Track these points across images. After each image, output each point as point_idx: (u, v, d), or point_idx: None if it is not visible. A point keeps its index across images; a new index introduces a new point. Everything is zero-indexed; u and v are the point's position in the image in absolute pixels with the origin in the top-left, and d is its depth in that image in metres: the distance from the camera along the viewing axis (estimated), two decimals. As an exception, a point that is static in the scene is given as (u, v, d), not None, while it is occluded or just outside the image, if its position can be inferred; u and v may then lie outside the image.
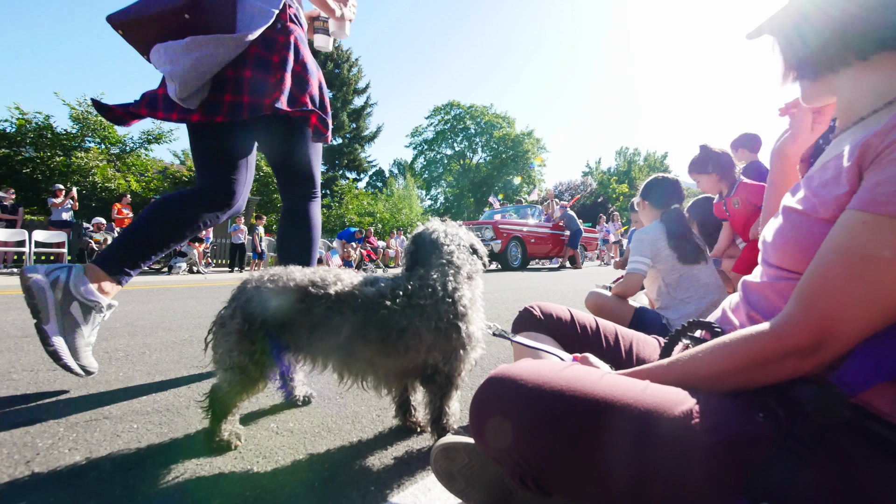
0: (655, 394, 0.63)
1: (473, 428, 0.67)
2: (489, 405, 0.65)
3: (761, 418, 0.59)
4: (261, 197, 17.99)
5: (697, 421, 0.59)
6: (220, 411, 1.09)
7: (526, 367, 0.66)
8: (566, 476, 0.62)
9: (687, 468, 0.57)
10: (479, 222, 10.09)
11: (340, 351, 1.06)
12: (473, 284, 1.17)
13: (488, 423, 0.64)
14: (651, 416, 0.59)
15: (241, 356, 1.05)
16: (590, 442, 0.58)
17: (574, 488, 0.62)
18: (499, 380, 0.66)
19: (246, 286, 1.10)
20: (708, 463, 0.57)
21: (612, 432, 0.58)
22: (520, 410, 0.62)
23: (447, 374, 1.10)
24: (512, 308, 3.60)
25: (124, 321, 2.80)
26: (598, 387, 0.62)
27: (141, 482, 0.94)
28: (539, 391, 0.62)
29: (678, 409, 0.60)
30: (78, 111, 11.75)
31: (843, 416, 0.56)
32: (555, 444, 0.60)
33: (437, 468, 0.83)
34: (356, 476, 0.99)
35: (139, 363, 1.87)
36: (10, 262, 8.59)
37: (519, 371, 0.65)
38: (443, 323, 1.06)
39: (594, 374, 0.65)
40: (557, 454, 0.60)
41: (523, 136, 39.79)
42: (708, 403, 0.61)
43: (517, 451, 0.62)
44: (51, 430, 1.19)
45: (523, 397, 0.62)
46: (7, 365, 1.79)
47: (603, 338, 1.08)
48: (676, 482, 0.57)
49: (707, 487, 0.57)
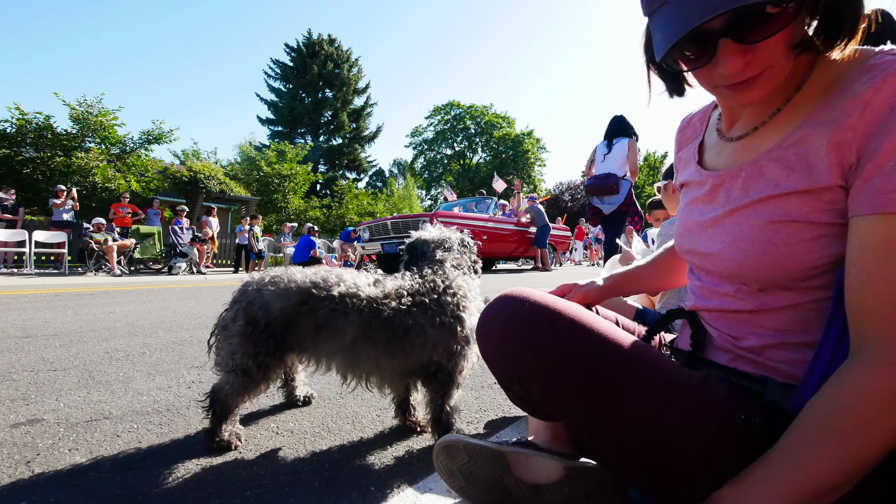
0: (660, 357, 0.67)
1: (478, 332, 0.75)
2: (497, 311, 0.72)
3: (742, 420, 0.60)
4: (261, 197, 18.00)
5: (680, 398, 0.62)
6: (222, 412, 1.09)
7: (534, 291, 0.73)
8: (545, 386, 0.67)
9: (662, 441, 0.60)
10: (414, 215, 8.43)
11: (346, 352, 1.06)
12: (471, 280, 1.19)
13: (493, 325, 0.71)
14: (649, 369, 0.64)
15: (245, 358, 1.05)
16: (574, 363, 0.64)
17: (553, 401, 0.68)
18: (509, 295, 0.73)
19: (247, 288, 1.10)
20: (679, 441, 0.60)
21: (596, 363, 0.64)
22: (521, 314, 0.68)
23: (449, 371, 1.11)
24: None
25: (124, 321, 2.80)
26: (593, 322, 0.67)
27: (141, 482, 0.94)
28: (541, 305, 0.68)
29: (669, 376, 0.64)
30: (78, 111, 11.73)
31: None
32: (541, 355, 0.65)
33: (439, 464, 0.84)
34: (356, 476, 0.99)
35: (139, 363, 1.87)
36: (10, 262, 8.59)
37: (527, 290, 0.73)
38: (446, 318, 1.07)
39: (593, 316, 0.71)
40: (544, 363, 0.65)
41: (523, 136, 39.83)
42: (695, 386, 0.63)
43: (510, 349, 0.68)
44: (51, 431, 1.19)
45: (528, 307, 0.69)
46: (7, 365, 1.79)
47: None
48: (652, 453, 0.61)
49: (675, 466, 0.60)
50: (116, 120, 12.34)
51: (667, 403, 0.61)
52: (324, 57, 30.05)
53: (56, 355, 1.96)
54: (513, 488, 0.79)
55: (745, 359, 0.67)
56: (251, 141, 28.34)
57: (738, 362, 0.68)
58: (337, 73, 30.44)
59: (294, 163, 18.54)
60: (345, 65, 30.96)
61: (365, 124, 31.98)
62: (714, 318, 0.73)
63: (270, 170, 17.98)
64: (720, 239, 0.66)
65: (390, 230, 8.63)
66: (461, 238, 1.29)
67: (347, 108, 30.99)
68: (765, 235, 0.60)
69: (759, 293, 0.64)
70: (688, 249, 0.76)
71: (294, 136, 29.75)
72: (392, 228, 8.62)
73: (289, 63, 30.42)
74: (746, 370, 0.67)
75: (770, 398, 0.62)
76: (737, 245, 0.63)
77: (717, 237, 0.67)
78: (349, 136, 31.06)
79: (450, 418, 1.13)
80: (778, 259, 0.59)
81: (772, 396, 0.62)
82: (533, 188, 40.60)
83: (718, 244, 0.67)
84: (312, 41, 30.52)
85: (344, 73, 30.78)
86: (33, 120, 11.17)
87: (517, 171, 38.86)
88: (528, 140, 39.76)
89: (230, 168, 21.06)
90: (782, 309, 0.62)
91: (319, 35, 30.86)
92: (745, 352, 0.67)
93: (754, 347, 0.66)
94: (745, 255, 0.62)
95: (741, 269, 0.63)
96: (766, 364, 0.65)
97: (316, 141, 29.74)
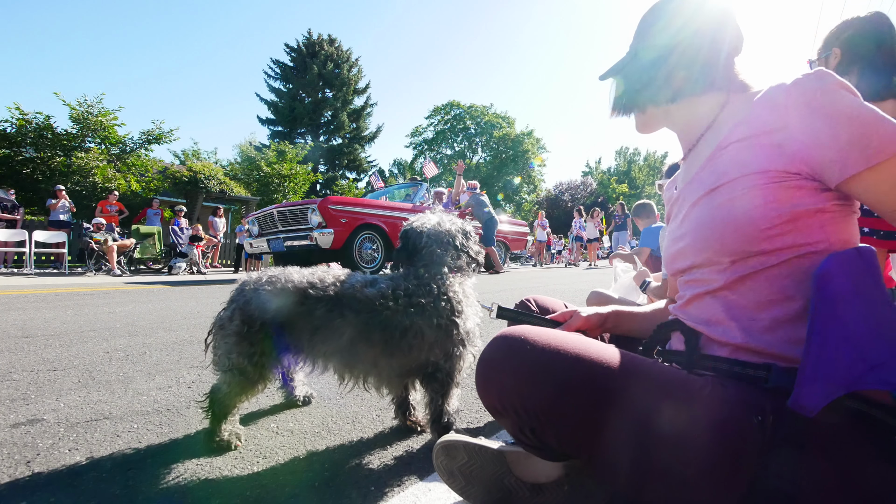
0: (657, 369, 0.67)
1: (479, 380, 0.71)
2: (495, 357, 0.70)
3: (758, 421, 0.60)
4: (261, 197, 18.00)
5: (694, 412, 0.60)
6: (220, 412, 1.09)
7: (532, 328, 0.71)
8: (561, 427, 0.65)
9: (684, 459, 0.58)
10: (302, 202, 6.30)
11: (343, 353, 1.06)
12: (467, 280, 1.17)
13: (493, 374, 0.69)
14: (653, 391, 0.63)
15: (241, 358, 1.05)
16: (585, 396, 0.63)
17: (569, 442, 0.66)
18: (506, 337, 0.71)
19: (244, 288, 1.10)
20: (705, 455, 0.58)
21: (616, 392, 0.63)
22: (524, 361, 0.66)
23: (448, 371, 1.10)
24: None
25: (124, 321, 2.80)
26: (606, 351, 0.67)
27: (141, 482, 0.94)
28: (543, 347, 0.66)
29: (679, 390, 0.63)
30: (78, 111, 11.72)
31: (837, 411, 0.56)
32: (553, 393, 0.64)
33: (438, 464, 0.84)
34: (356, 476, 0.99)
35: (139, 363, 1.87)
36: (10, 262, 8.58)
37: (525, 330, 0.71)
38: (443, 320, 1.06)
39: (598, 343, 0.70)
40: (555, 402, 0.64)
41: (523, 136, 39.81)
42: (707, 396, 0.62)
43: (517, 399, 0.66)
44: (51, 430, 1.19)
45: (529, 350, 0.67)
46: (7, 365, 1.79)
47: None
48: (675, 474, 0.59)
49: (704, 481, 0.58)
50: (116, 120, 12.33)
51: (687, 419, 0.61)
52: (324, 57, 30.01)
53: (56, 355, 1.96)
54: (513, 488, 0.79)
55: (746, 350, 0.68)
56: (251, 141, 28.30)
57: (739, 353, 0.69)
58: (337, 73, 30.41)
59: (294, 163, 18.51)
60: (345, 65, 30.94)
61: (365, 124, 31.95)
62: (701, 309, 0.75)
63: (270, 170, 17.97)
64: (687, 233, 0.77)
65: (277, 222, 6.57)
66: (462, 229, 1.23)
67: (347, 108, 30.96)
68: (720, 213, 0.70)
69: (732, 265, 0.70)
70: (671, 263, 0.83)
71: (294, 136, 29.72)
72: (279, 219, 6.53)
73: (289, 63, 30.41)
74: (749, 359, 0.67)
75: (775, 383, 0.62)
76: (699, 230, 0.74)
77: (685, 234, 0.78)
78: (349, 136, 31.03)
79: (450, 418, 1.13)
80: (737, 227, 0.68)
81: (777, 381, 0.62)
82: (533, 188, 40.61)
83: (687, 238, 0.77)
84: (312, 41, 30.50)
85: (344, 73, 30.76)
86: (33, 120, 11.15)
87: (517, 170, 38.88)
88: (528, 140, 39.76)
89: (230, 168, 21.02)
90: (756, 274, 0.68)
91: (319, 35, 30.84)
92: (742, 346, 0.68)
93: (748, 329, 0.68)
94: (710, 233, 0.71)
95: (708, 245, 0.72)
96: (767, 352, 0.66)
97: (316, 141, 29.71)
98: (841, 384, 0.54)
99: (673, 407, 0.61)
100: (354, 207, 6.44)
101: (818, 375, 0.55)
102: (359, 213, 6.43)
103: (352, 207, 6.40)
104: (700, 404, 0.62)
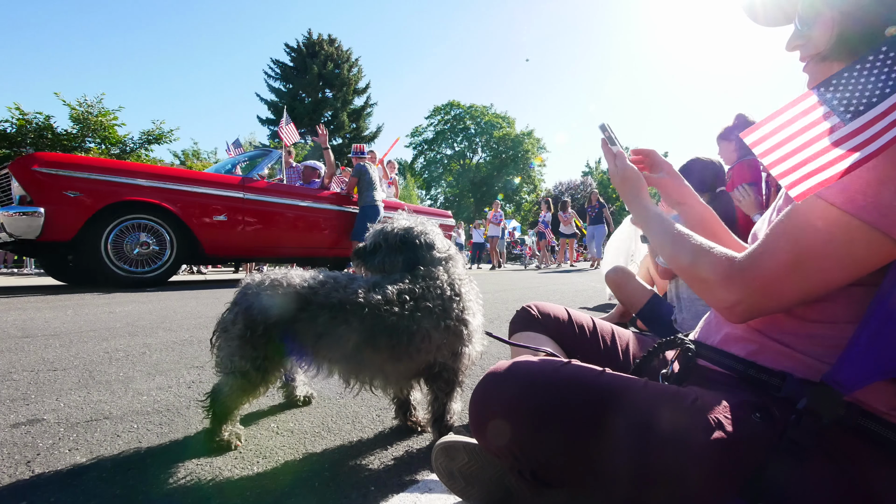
0: (653, 391, 0.63)
1: (473, 423, 0.68)
2: (488, 400, 0.66)
3: (758, 418, 0.59)
4: (261, 197, 17.94)
5: (695, 419, 0.60)
6: (222, 413, 1.09)
7: (524, 363, 0.67)
8: (564, 469, 0.63)
9: (684, 466, 0.57)
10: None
11: (349, 360, 1.04)
12: (470, 279, 1.18)
13: (487, 418, 0.65)
14: (649, 414, 0.60)
15: (243, 361, 1.04)
16: (588, 436, 0.60)
17: (572, 480, 0.64)
18: (497, 375, 0.67)
19: (247, 291, 1.09)
20: (705, 462, 0.57)
21: (611, 427, 0.59)
22: (518, 405, 0.63)
23: (454, 369, 1.11)
24: (511, 308, 3.59)
25: (124, 321, 2.80)
26: (596, 383, 0.63)
27: (141, 482, 0.94)
28: (538, 386, 0.63)
29: (677, 406, 0.61)
30: (78, 111, 11.74)
31: (837, 415, 0.56)
32: (553, 438, 0.61)
33: (438, 466, 0.83)
34: (356, 476, 0.99)
35: (139, 363, 1.87)
36: (10, 262, 8.59)
37: (517, 367, 0.66)
38: (451, 322, 1.06)
39: (592, 371, 0.66)
40: (556, 448, 0.61)
41: (523, 136, 39.82)
42: (707, 402, 0.62)
43: (516, 445, 0.63)
44: (51, 430, 1.19)
45: (522, 392, 0.63)
46: (7, 365, 1.79)
47: (600, 337, 1.08)
48: (674, 480, 0.58)
49: (705, 486, 0.58)
50: (116, 120, 12.36)
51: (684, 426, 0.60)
52: (324, 57, 30.02)
53: (56, 355, 1.96)
54: (513, 488, 0.79)
55: (770, 347, 0.66)
56: (251, 141, 28.32)
57: (760, 355, 0.67)
58: (337, 73, 30.42)
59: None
60: (345, 65, 30.95)
61: (365, 124, 31.94)
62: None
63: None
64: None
65: None
66: (426, 230, 1.19)
67: (347, 108, 30.97)
68: None
69: None
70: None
71: (294, 136, 29.73)
72: None
73: (289, 63, 30.42)
74: (767, 364, 0.65)
75: (787, 393, 0.61)
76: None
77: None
78: (349, 136, 31.01)
79: (452, 419, 1.13)
80: None
81: (789, 392, 0.61)
82: (533, 188, 40.59)
83: None
84: (312, 41, 30.51)
85: (344, 73, 30.77)
86: (33, 120, 11.17)
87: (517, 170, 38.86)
88: (528, 140, 39.76)
89: (230, 168, 20.99)
90: None
91: (319, 35, 30.85)
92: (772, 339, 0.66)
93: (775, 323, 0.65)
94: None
95: None
96: (792, 351, 0.63)
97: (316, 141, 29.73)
98: (885, 369, 0.54)
99: (668, 418, 0.60)
100: (100, 175, 4.08)
101: (868, 354, 0.55)
102: (111, 184, 4.11)
103: (94, 174, 4.06)
104: (696, 411, 0.61)
